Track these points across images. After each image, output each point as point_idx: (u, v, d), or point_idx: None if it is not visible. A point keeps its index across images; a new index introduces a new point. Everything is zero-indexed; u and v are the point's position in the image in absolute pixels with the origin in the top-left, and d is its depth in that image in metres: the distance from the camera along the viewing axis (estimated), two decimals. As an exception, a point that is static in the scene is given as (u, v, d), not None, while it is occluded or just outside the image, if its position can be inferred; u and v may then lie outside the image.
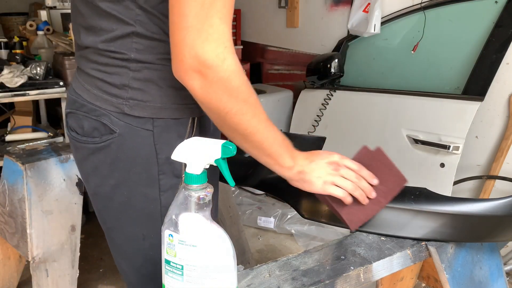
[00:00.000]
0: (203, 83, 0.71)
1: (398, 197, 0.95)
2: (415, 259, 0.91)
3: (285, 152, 0.84)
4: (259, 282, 0.78)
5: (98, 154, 0.84)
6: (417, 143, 2.14)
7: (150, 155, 0.83)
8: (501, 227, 0.92)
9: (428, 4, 2.26)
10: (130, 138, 0.82)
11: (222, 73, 0.70)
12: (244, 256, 2.12)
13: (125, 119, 0.81)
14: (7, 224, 1.48)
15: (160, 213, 0.86)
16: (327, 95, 2.56)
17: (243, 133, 0.78)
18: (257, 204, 2.81)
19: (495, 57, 2.01)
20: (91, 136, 0.83)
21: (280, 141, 0.82)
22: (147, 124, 0.81)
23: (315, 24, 2.92)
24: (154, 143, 0.82)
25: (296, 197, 1.05)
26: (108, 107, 0.81)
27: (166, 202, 0.85)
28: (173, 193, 0.83)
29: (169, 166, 0.84)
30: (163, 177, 0.84)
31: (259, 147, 0.81)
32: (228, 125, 0.77)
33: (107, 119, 0.81)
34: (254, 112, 0.76)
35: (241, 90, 0.73)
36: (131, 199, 0.86)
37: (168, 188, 0.85)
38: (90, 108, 0.83)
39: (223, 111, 0.74)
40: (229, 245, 0.66)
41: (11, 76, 2.23)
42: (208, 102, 0.74)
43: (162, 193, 0.85)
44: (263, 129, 0.78)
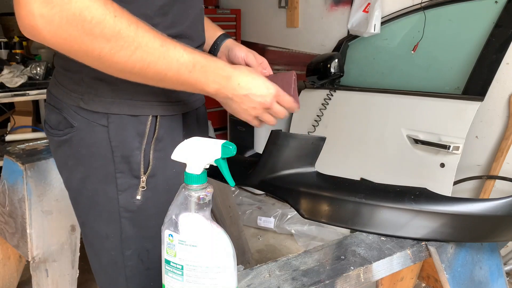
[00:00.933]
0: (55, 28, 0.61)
1: (398, 197, 0.95)
2: (415, 259, 0.91)
3: (201, 77, 0.73)
4: (259, 282, 0.78)
5: (63, 147, 0.83)
6: (417, 143, 2.14)
7: (106, 152, 0.80)
8: (501, 227, 0.92)
9: (428, 4, 2.26)
10: (87, 133, 0.80)
11: (71, 11, 0.60)
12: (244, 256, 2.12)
13: (82, 113, 0.79)
14: (7, 224, 1.48)
15: (119, 213, 0.83)
16: (327, 95, 2.56)
17: (134, 72, 0.68)
18: (257, 204, 2.81)
19: (495, 57, 2.01)
20: (58, 129, 0.83)
21: (189, 65, 0.71)
22: (102, 120, 0.79)
23: (315, 24, 2.92)
24: (109, 140, 0.79)
25: (296, 197, 1.05)
26: (68, 101, 0.81)
27: (124, 202, 0.82)
28: (131, 193, 0.81)
29: (126, 165, 0.81)
30: (120, 176, 0.81)
31: (164, 79, 0.71)
32: (112, 67, 0.67)
33: (67, 113, 0.81)
34: (134, 44, 0.65)
35: (105, 24, 0.62)
36: (95, 196, 0.83)
37: (126, 188, 0.82)
38: (56, 101, 0.83)
39: (92, 55, 0.64)
40: (229, 245, 0.66)
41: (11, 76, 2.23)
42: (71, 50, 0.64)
43: (120, 192, 0.82)
44: (158, 59, 0.67)
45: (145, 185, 0.81)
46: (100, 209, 0.84)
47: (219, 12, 3.40)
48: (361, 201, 0.96)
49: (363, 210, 0.96)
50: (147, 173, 0.81)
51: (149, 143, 0.81)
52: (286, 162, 1.09)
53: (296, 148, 1.08)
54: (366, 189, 1.00)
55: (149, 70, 0.68)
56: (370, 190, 0.99)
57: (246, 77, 0.79)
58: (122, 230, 0.83)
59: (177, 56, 0.69)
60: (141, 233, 0.84)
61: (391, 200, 0.94)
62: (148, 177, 0.82)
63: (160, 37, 0.68)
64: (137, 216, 0.83)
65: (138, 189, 0.82)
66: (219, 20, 3.39)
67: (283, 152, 1.07)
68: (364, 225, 0.94)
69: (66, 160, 0.85)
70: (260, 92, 0.80)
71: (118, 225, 0.83)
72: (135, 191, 0.82)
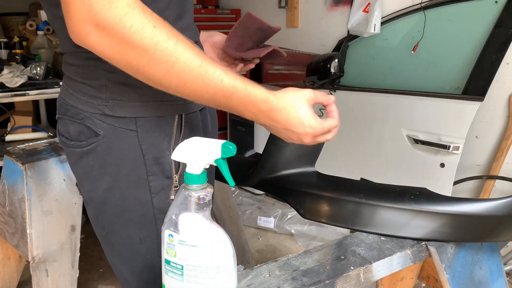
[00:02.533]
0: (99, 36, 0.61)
1: (398, 197, 0.95)
2: (415, 259, 0.91)
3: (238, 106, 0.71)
4: (259, 282, 0.78)
5: (86, 158, 0.82)
6: (417, 143, 2.15)
7: (136, 156, 0.80)
8: (501, 227, 0.92)
9: (428, 4, 2.26)
10: (115, 140, 0.79)
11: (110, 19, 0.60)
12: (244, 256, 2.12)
13: (107, 121, 0.79)
14: (7, 224, 1.48)
15: (154, 216, 0.83)
16: (327, 95, 2.56)
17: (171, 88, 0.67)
18: (257, 204, 2.81)
19: (495, 57, 2.01)
20: (78, 140, 0.82)
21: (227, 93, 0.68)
22: (130, 124, 0.79)
23: (315, 24, 2.92)
24: (139, 144, 0.79)
25: (296, 197, 1.05)
26: (90, 110, 0.79)
27: (158, 204, 0.82)
28: (165, 194, 0.82)
29: (158, 166, 0.81)
30: (153, 179, 0.81)
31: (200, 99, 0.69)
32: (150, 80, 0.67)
33: (91, 122, 0.79)
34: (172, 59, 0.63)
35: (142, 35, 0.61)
36: (124, 203, 0.83)
37: (160, 190, 0.82)
38: (75, 112, 0.81)
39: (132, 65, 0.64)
40: (229, 245, 0.66)
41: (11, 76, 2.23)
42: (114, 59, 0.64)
43: (154, 195, 0.82)
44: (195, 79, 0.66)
45: (178, 184, 0.82)
46: (131, 215, 0.83)
47: (219, 12, 3.40)
48: (361, 201, 0.96)
49: (363, 210, 0.96)
50: (178, 172, 0.82)
51: (177, 142, 0.81)
52: (286, 162, 1.09)
53: (296, 148, 1.08)
54: (366, 189, 1.00)
55: (185, 89, 0.67)
56: (370, 190, 1.00)
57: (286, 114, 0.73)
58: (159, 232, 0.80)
59: (215, 80, 0.67)
60: None
61: (391, 200, 0.94)
62: (179, 176, 0.82)
63: (199, 55, 0.66)
64: None
65: (171, 189, 0.82)
66: (219, 20, 3.39)
67: (283, 152, 1.07)
68: (364, 225, 0.94)
69: (89, 171, 0.83)
70: (298, 131, 0.75)
71: (154, 227, 0.83)
72: (168, 192, 0.82)
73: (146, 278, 0.88)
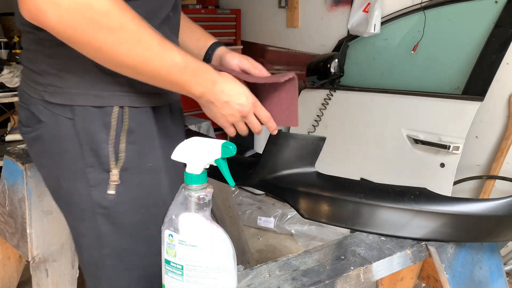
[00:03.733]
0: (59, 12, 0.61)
1: (398, 197, 0.95)
2: (415, 259, 0.91)
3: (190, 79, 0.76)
4: (259, 282, 0.78)
5: (35, 145, 0.82)
6: (417, 143, 2.15)
7: (75, 146, 0.78)
8: (501, 227, 0.92)
9: (428, 4, 2.26)
10: (55, 128, 0.78)
11: None
12: (244, 256, 2.12)
13: (48, 107, 0.77)
14: (7, 224, 1.48)
15: (93, 210, 0.80)
16: (327, 95, 2.56)
17: (131, 67, 0.70)
18: (257, 204, 2.81)
19: (495, 57, 2.01)
20: (28, 126, 0.81)
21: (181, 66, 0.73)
22: (68, 112, 0.76)
23: (315, 24, 2.92)
24: (76, 133, 0.77)
25: (296, 197, 1.05)
26: (35, 95, 0.78)
27: (97, 198, 0.79)
28: (103, 188, 0.79)
29: (95, 158, 0.78)
30: (91, 171, 0.78)
31: (156, 77, 0.73)
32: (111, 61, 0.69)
33: (35, 108, 0.79)
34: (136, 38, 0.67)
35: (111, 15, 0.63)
36: (69, 194, 0.82)
37: (98, 183, 0.79)
38: (25, 98, 0.81)
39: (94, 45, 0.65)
40: (229, 245, 0.66)
41: (11, 76, 2.23)
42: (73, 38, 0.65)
43: (92, 188, 0.79)
44: (155, 56, 0.70)
45: (117, 179, 0.79)
46: (76, 207, 0.82)
47: (219, 12, 3.40)
48: (361, 201, 0.96)
49: (363, 210, 0.96)
50: (118, 166, 0.78)
51: (118, 135, 0.78)
52: (286, 162, 1.09)
53: (296, 148, 1.08)
54: (366, 189, 1.00)
55: (145, 66, 0.70)
56: (370, 190, 0.99)
57: (229, 85, 0.83)
58: (98, 227, 0.81)
59: (171, 57, 0.72)
60: (117, 230, 0.81)
61: (391, 200, 0.94)
62: (120, 170, 0.79)
63: (158, 36, 0.70)
64: (112, 212, 0.80)
65: (110, 183, 0.79)
66: (219, 20, 3.39)
67: (283, 152, 1.07)
68: (364, 225, 0.94)
69: (39, 158, 0.83)
70: (239, 101, 0.84)
71: (94, 222, 0.81)
72: (107, 186, 0.79)
73: (90, 271, 0.87)
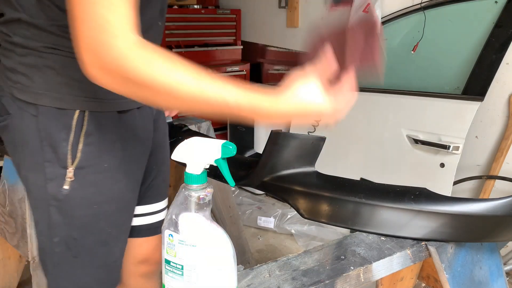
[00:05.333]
0: (107, 77, 0.66)
1: (398, 197, 0.95)
2: (415, 259, 0.91)
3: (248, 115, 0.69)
4: (259, 282, 0.78)
5: (3, 133, 0.88)
6: (417, 143, 2.15)
7: (35, 141, 0.83)
8: (501, 227, 0.92)
9: (428, 4, 2.26)
10: (20, 121, 0.83)
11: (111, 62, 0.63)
12: (244, 256, 2.12)
13: (15, 102, 0.83)
14: (7, 224, 1.48)
15: (47, 202, 0.85)
16: (327, 95, 2.56)
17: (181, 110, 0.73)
18: (257, 204, 2.81)
19: (495, 57, 2.01)
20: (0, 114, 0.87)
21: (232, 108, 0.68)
22: (32, 109, 0.82)
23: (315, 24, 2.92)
24: (38, 129, 0.82)
25: (296, 197, 1.05)
26: (6, 88, 0.84)
27: (52, 191, 0.84)
28: (58, 183, 0.84)
29: (54, 155, 0.83)
30: (48, 165, 0.84)
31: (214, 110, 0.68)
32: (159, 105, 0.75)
33: (5, 100, 0.85)
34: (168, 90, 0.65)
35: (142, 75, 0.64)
36: (27, 183, 0.88)
37: (54, 177, 0.84)
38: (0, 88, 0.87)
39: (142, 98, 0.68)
40: (229, 245, 0.66)
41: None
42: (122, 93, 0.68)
43: (48, 181, 0.84)
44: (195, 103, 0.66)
45: (72, 175, 0.84)
46: (32, 195, 0.88)
47: (219, 12, 3.40)
48: (361, 201, 0.96)
49: (363, 210, 0.96)
50: (74, 164, 0.84)
51: (77, 136, 0.83)
52: (286, 162, 1.09)
53: (296, 148, 1.08)
54: (366, 189, 1.00)
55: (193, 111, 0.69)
56: (370, 190, 1.00)
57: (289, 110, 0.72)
58: (50, 217, 0.86)
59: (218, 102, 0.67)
60: (68, 221, 0.87)
61: (391, 200, 0.94)
62: (75, 168, 0.84)
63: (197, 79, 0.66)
64: (65, 205, 0.86)
65: (65, 179, 0.84)
66: (219, 20, 3.39)
67: (283, 152, 1.07)
68: (364, 225, 0.94)
69: (7, 145, 0.89)
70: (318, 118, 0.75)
71: (46, 212, 0.86)
72: (62, 181, 0.84)
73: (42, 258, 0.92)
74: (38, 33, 0.79)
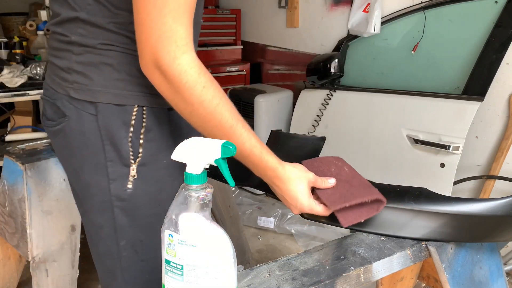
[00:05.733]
0: (161, 80, 0.73)
1: (398, 197, 0.95)
2: (415, 259, 0.91)
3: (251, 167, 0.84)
4: (259, 282, 0.78)
5: (57, 137, 0.86)
6: (417, 143, 2.14)
7: (96, 141, 0.82)
8: (501, 227, 0.92)
9: (428, 4, 2.26)
10: (78, 122, 0.83)
11: (172, 72, 0.71)
12: (244, 256, 2.12)
13: (73, 103, 0.82)
14: (7, 224, 1.48)
15: (111, 203, 0.84)
16: (327, 95, 2.56)
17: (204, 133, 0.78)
18: (257, 204, 2.81)
19: (495, 57, 2.01)
20: (52, 119, 0.86)
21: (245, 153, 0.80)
22: (91, 108, 0.82)
23: (315, 24, 2.92)
24: (98, 128, 0.82)
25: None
26: (60, 91, 0.83)
27: (116, 191, 0.84)
28: (122, 182, 0.83)
29: (116, 153, 0.82)
30: (111, 165, 0.83)
31: None
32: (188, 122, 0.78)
33: (60, 103, 0.84)
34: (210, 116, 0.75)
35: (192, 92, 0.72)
36: (88, 186, 0.86)
37: (117, 177, 0.83)
38: (51, 92, 0.86)
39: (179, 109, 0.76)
40: (229, 245, 0.66)
41: (11, 76, 2.23)
42: (167, 99, 0.75)
43: (112, 181, 0.83)
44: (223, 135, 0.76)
45: (135, 173, 0.83)
46: (94, 199, 0.86)
47: (219, 12, 3.40)
48: (361, 201, 0.96)
49: (363, 210, 0.96)
50: (136, 162, 0.83)
51: (138, 133, 0.83)
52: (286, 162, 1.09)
53: (296, 148, 1.08)
54: (366, 189, 0.99)
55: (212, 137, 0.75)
56: (370, 190, 0.99)
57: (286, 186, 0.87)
58: (115, 219, 0.85)
59: (238, 142, 0.78)
60: (133, 223, 0.85)
61: (391, 200, 0.94)
62: (138, 166, 0.83)
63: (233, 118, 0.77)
64: (129, 205, 0.84)
65: (129, 177, 0.83)
66: (219, 20, 3.39)
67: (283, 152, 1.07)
68: (364, 225, 0.94)
69: (61, 150, 0.88)
70: (291, 202, 0.89)
71: (111, 214, 0.85)
72: (126, 180, 0.83)
73: (106, 263, 0.90)
74: (95, 30, 0.79)
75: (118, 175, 0.83)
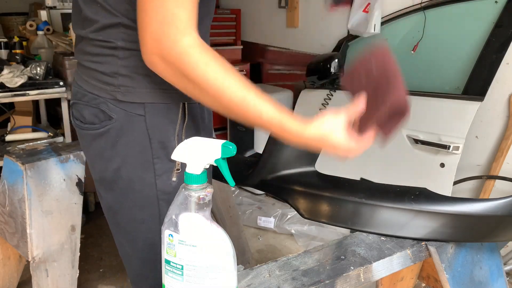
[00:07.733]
0: (164, 66, 0.73)
1: (398, 197, 0.95)
2: (415, 259, 0.91)
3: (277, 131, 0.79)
4: (259, 282, 0.78)
5: (99, 140, 0.88)
6: (417, 143, 2.14)
7: (144, 140, 0.86)
8: (501, 227, 0.92)
9: (428, 4, 2.26)
10: (125, 123, 0.86)
11: (174, 55, 0.71)
12: (244, 256, 2.12)
13: (120, 105, 0.85)
14: (7, 224, 1.48)
15: (157, 196, 0.89)
16: (327, 95, 2.56)
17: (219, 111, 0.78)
18: (257, 204, 2.81)
19: (495, 57, 2.01)
20: (92, 123, 0.89)
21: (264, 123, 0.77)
22: (139, 109, 0.85)
23: (315, 24, 2.92)
24: (146, 128, 0.85)
25: (296, 197, 1.05)
26: (105, 95, 0.86)
27: (162, 186, 0.88)
28: (168, 177, 0.88)
29: (163, 150, 0.87)
30: (158, 161, 0.87)
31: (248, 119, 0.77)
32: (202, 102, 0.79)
33: (105, 106, 0.86)
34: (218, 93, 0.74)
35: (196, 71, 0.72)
36: (130, 183, 0.89)
37: (163, 172, 0.88)
38: (91, 97, 0.88)
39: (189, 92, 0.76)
40: (229, 245, 0.66)
41: (11, 76, 2.23)
42: (175, 84, 0.76)
43: (158, 177, 0.88)
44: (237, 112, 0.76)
45: (180, 167, 0.88)
46: (137, 195, 0.90)
47: (219, 12, 3.40)
48: (361, 201, 0.96)
49: (363, 210, 0.96)
50: None
51: (181, 129, 0.88)
52: (286, 162, 1.09)
53: (296, 148, 1.08)
54: (366, 189, 1.00)
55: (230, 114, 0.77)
56: (370, 190, 1.00)
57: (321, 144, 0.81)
58: (161, 212, 0.89)
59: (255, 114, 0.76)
60: None
61: (391, 200, 0.94)
62: None
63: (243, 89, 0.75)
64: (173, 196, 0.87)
65: (174, 171, 0.88)
66: (219, 20, 3.39)
67: (283, 152, 1.08)
68: (364, 225, 0.94)
69: (101, 152, 0.90)
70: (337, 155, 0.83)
71: (156, 208, 0.89)
72: (170, 174, 0.88)
73: (146, 256, 0.93)
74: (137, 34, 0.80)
75: (164, 170, 0.87)
